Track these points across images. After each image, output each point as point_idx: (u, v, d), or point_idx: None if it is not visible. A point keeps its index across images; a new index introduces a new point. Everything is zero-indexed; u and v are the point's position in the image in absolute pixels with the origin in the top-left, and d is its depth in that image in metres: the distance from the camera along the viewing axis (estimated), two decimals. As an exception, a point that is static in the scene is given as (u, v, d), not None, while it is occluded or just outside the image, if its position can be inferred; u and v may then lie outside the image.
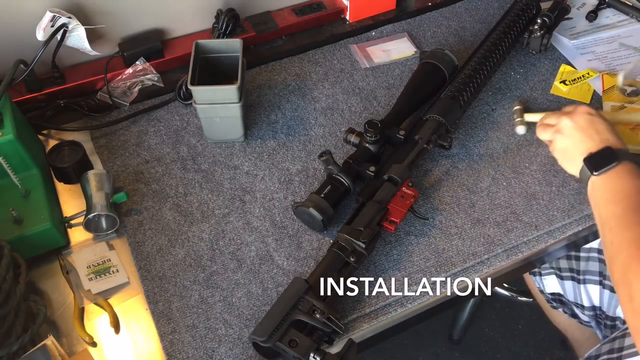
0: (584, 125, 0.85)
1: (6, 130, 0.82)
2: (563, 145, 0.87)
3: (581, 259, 1.06)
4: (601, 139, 0.83)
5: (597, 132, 0.83)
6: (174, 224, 0.89)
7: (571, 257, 1.07)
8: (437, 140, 0.93)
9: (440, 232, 0.88)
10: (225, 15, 1.05)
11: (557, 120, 0.88)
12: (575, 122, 0.85)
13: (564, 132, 0.86)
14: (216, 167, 0.96)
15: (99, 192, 0.86)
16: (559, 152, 0.88)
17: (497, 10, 1.22)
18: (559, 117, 0.88)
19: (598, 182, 0.80)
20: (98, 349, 0.78)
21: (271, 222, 0.90)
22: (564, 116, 0.87)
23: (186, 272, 0.84)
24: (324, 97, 1.07)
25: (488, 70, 1.02)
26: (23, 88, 1.01)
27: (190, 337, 0.78)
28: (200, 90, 0.91)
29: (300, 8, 1.19)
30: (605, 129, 0.84)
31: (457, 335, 1.62)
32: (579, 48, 1.15)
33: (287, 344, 0.71)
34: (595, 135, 0.83)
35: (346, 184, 0.87)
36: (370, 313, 0.81)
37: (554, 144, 0.88)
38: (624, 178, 0.78)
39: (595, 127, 0.84)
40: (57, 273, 0.84)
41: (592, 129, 0.84)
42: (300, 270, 0.84)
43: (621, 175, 0.79)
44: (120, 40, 1.08)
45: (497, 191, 0.93)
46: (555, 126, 0.88)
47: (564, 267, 1.08)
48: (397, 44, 1.16)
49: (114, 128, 1.01)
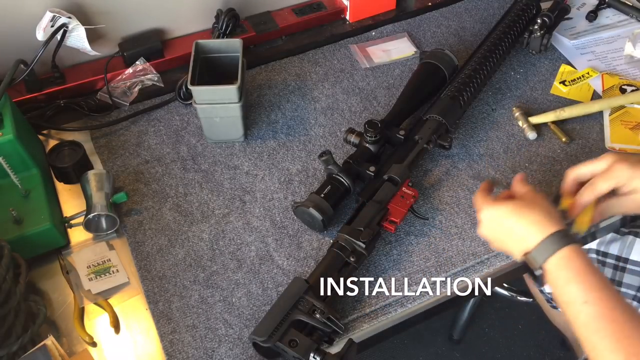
0: (499, 230, 0.76)
1: (6, 130, 0.82)
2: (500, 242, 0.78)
3: None
4: (517, 244, 0.74)
5: (508, 235, 0.75)
6: (174, 224, 0.89)
7: None
8: (437, 140, 0.93)
9: (440, 232, 0.88)
10: (225, 15, 1.05)
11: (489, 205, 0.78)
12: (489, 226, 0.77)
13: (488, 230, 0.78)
14: (216, 167, 0.96)
15: (99, 192, 0.86)
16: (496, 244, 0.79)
17: (497, 10, 1.22)
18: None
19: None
20: (98, 349, 0.78)
21: (271, 222, 0.90)
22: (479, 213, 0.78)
23: (186, 272, 0.84)
24: (324, 97, 1.07)
25: (488, 70, 1.02)
26: (23, 88, 1.01)
27: (190, 337, 0.78)
28: (200, 90, 0.91)
29: (300, 8, 1.19)
30: (542, 210, 0.73)
31: (457, 335, 1.62)
32: (579, 48, 1.15)
33: (287, 344, 0.71)
34: (510, 241, 0.75)
35: (346, 184, 0.87)
36: (370, 313, 0.81)
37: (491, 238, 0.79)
38: (569, 265, 0.69)
39: (533, 208, 0.74)
40: (57, 273, 0.84)
41: (527, 212, 0.74)
42: (300, 270, 0.84)
43: (566, 263, 0.69)
44: (120, 40, 1.08)
45: (497, 191, 0.93)
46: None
47: None
48: (397, 44, 1.16)
49: (114, 128, 1.01)
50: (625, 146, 0.98)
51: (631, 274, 0.98)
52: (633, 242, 0.97)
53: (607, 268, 1.00)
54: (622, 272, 0.99)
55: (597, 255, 1.02)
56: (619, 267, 0.99)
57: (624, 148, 0.98)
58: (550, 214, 0.73)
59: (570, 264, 0.69)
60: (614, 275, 1.00)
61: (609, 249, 1.00)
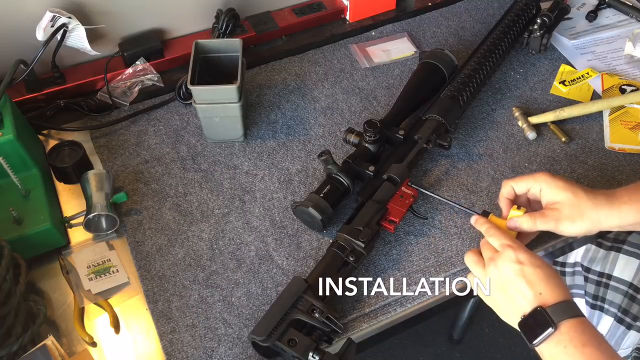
0: (512, 278, 0.70)
1: (6, 130, 0.82)
2: (494, 302, 0.74)
3: (567, 274, 1.05)
4: (534, 294, 0.68)
5: (528, 285, 0.69)
6: (173, 223, 0.89)
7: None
8: (436, 140, 0.93)
9: (439, 232, 0.88)
10: (225, 15, 1.05)
11: (487, 259, 0.75)
12: (500, 274, 0.72)
13: (492, 286, 0.73)
14: (216, 166, 0.96)
15: (99, 192, 0.86)
16: (494, 305, 0.75)
17: (497, 10, 1.22)
18: (489, 258, 0.74)
19: (545, 353, 0.67)
20: (98, 349, 0.78)
21: (271, 221, 0.90)
22: (490, 263, 0.73)
23: (186, 271, 0.84)
24: (323, 97, 1.07)
25: (488, 70, 1.02)
26: (23, 88, 1.01)
27: (189, 337, 0.78)
28: (200, 90, 0.91)
29: (300, 8, 1.19)
30: (537, 279, 0.69)
31: (457, 335, 1.62)
32: (578, 48, 1.15)
33: (286, 343, 0.71)
34: (527, 290, 0.69)
35: (345, 184, 0.87)
36: (369, 313, 0.81)
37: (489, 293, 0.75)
38: (571, 349, 0.65)
39: (525, 277, 0.70)
40: (57, 273, 0.84)
41: (521, 281, 0.70)
42: (299, 270, 0.84)
43: (565, 343, 0.65)
44: (120, 40, 1.08)
45: (497, 191, 0.93)
46: (485, 268, 0.75)
47: None
48: (397, 44, 1.16)
49: (114, 128, 1.01)
50: (625, 146, 0.98)
51: (614, 290, 0.96)
52: (616, 258, 0.96)
53: (589, 284, 0.99)
54: (605, 289, 0.97)
55: (582, 269, 1.01)
56: (602, 283, 0.98)
57: (623, 148, 0.98)
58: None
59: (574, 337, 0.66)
60: (596, 291, 0.99)
61: (592, 264, 0.99)
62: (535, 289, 0.68)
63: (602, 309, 0.98)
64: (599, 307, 0.99)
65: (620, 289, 0.95)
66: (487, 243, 0.76)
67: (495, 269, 0.72)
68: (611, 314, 0.96)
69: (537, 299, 0.68)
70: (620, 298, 0.95)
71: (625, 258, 0.95)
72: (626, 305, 0.95)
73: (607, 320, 0.97)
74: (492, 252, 0.74)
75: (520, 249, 0.72)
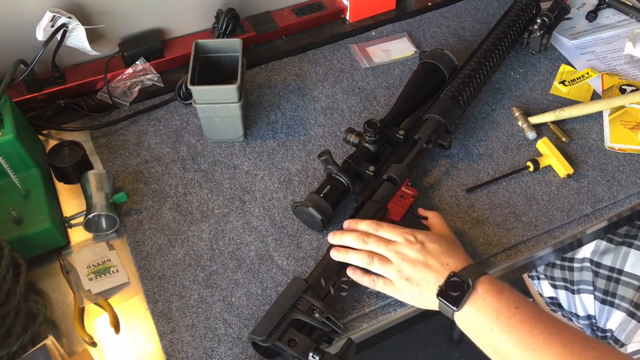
0: (419, 257, 0.74)
1: (6, 130, 0.82)
2: (408, 292, 0.75)
3: (575, 269, 1.05)
4: (443, 265, 0.74)
5: (434, 258, 0.74)
6: (173, 223, 0.89)
7: (565, 268, 1.06)
8: (436, 140, 0.93)
9: (439, 232, 0.88)
10: (225, 15, 1.05)
11: (383, 250, 0.76)
12: (406, 259, 0.75)
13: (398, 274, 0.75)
14: (216, 166, 0.96)
15: (99, 192, 0.86)
16: (409, 295, 0.76)
17: (497, 10, 1.22)
18: (390, 250, 0.76)
19: (467, 313, 0.71)
20: (98, 349, 0.78)
21: (271, 221, 0.90)
22: (393, 254, 0.76)
23: (186, 271, 0.84)
24: (323, 97, 1.07)
25: (488, 70, 1.02)
26: (23, 88, 1.01)
27: (189, 337, 0.78)
28: (200, 90, 0.91)
29: (300, 8, 1.19)
30: (440, 251, 0.75)
31: (457, 335, 1.62)
32: (578, 48, 1.15)
33: (286, 343, 0.71)
34: (436, 263, 0.74)
35: (345, 184, 0.87)
36: (369, 313, 0.81)
37: (392, 286, 0.76)
38: (489, 298, 0.70)
39: (430, 254, 0.75)
40: (57, 273, 0.84)
41: (427, 257, 0.74)
42: (299, 270, 0.84)
43: (483, 296, 0.70)
44: (120, 40, 1.08)
45: (496, 191, 0.93)
46: (386, 264, 0.76)
47: (558, 276, 1.07)
48: (397, 44, 1.16)
49: (114, 128, 1.01)
50: (625, 146, 0.98)
51: (625, 285, 0.97)
52: (627, 253, 0.96)
53: (600, 279, 1.00)
54: (616, 284, 0.98)
55: (591, 265, 1.01)
56: (613, 278, 0.98)
57: (623, 148, 0.98)
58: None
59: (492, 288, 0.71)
60: (607, 286, 0.99)
61: (602, 259, 0.99)
62: (442, 260, 0.74)
63: (612, 304, 0.98)
64: (609, 303, 0.99)
65: (632, 284, 0.96)
66: (378, 239, 0.77)
67: (400, 257, 0.75)
68: (623, 309, 0.97)
69: (446, 268, 0.73)
70: (632, 293, 0.96)
71: (637, 253, 0.96)
72: (638, 299, 0.95)
73: (618, 315, 0.97)
74: (388, 244, 0.77)
75: (415, 231, 0.77)
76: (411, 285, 0.74)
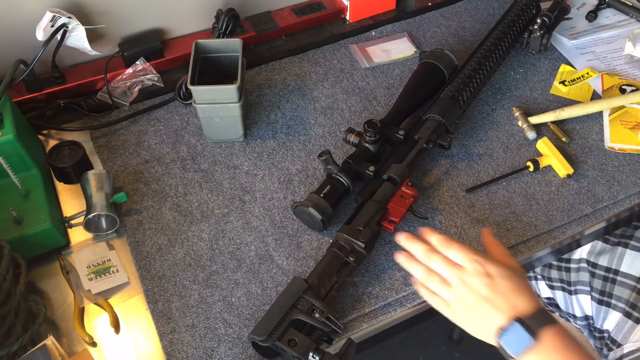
0: (484, 293, 0.68)
1: (6, 130, 0.82)
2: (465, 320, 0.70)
3: (571, 270, 1.05)
4: (509, 306, 0.67)
5: (502, 297, 0.68)
6: (173, 223, 0.89)
7: (561, 269, 1.06)
8: (436, 140, 0.93)
9: (439, 232, 0.88)
10: (225, 15, 1.05)
11: (451, 277, 0.71)
12: (471, 290, 0.69)
13: (462, 303, 0.70)
14: (216, 166, 0.96)
15: (99, 192, 0.86)
16: (465, 323, 0.71)
17: (497, 10, 1.22)
18: (455, 276, 0.70)
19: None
20: (98, 349, 0.78)
21: (271, 221, 0.90)
22: (457, 281, 0.70)
23: (186, 271, 0.84)
24: (323, 97, 1.07)
25: (488, 70, 1.02)
26: (23, 88, 1.01)
27: (189, 337, 0.78)
28: (200, 90, 0.91)
29: (300, 8, 1.19)
30: (509, 290, 0.68)
31: (457, 335, 1.62)
32: (578, 48, 1.15)
33: (286, 343, 0.71)
34: (502, 303, 0.67)
35: (345, 184, 0.87)
36: (369, 313, 0.81)
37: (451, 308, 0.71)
38: (552, 354, 0.65)
39: (498, 291, 0.68)
40: (57, 273, 0.84)
41: (495, 295, 0.68)
42: (299, 270, 0.84)
43: (547, 352, 0.65)
44: (120, 40, 1.08)
45: (496, 191, 0.93)
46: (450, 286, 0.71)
47: (555, 277, 1.07)
48: (397, 43, 1.16)
49: (114, 128, 1.01)
50: (625, 146, 0.98)
51: (621, 286, 0.96)
52: (623, 254, 0.96)
53: (596, 279, 1.00)
54: (612, 284, 0.98)
55: (587, 265, 1.01)
56: (609, 278, 0.98)
57: (623, 148, 0.98)
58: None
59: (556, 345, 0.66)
60: (603, 287, 0.99)
61: (598, 259, 0.99)
62: (509, 301, 0.67)
63: (609, 305, 0.98)
64: (605, 303, 0.99)
65: (628, 284, 0.96)
66: (445, 259, 0.72)
67: (463, 286, 0.69)
68: (619, 309, 0.97)
69: (513, 310, 0.67)
70: (628, 293, 0.96)
71: (633, 254, 0.96)
72: (634, 299, 0.95)
73: (614, 315, 0.97)
74: (455, 268, 0.70)
75: (487, 261, 0.70)
76: (469, 315, 0.69)
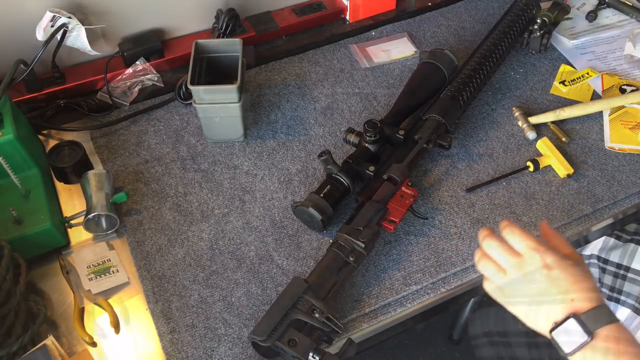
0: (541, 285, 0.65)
1: (6, 130, 0.82)
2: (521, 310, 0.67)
3: None
4: (566, 301, 0.64)
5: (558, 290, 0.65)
6: (173, 223, 0.89)
7: None
8: (436, 140, 0.93)
9: (439, 232, 0.88)
10: (225, 15, 1.05)
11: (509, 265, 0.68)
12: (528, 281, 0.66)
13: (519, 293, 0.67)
14: (216, 166, 0.96)
15: (99, 192, 0.86)
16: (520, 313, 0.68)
17: (497, 10, 1.22)
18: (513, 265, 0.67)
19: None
20: (98, 349, 0.78)
21: (271, 221, 0.90)
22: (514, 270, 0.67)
23: (186, 271, 0.84)
24: (323, 97, 1.07)
25: (488, 70, 1.02)
26: (23, 88, 1.01)
27: (189, 337, 0.78)
28: (200, 90, 0.91)
29: (300, 8, 1.19)
30: (568, 282, 0.64)
31: (457, 335, 1.62)
32: (578, 48, 1.15)
33: (286, 343, 0.71)
34: (559, 297, 0.64)
35: (345, 184, 0.87)
36: (369, 313, 0.81)
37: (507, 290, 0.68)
38: (607, 354, 0.61)
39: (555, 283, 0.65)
40: (57, 273, 0.84)
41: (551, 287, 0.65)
42: (299, 270, 0.84)
43: (602, 352, 0.61)
44: (120, 40, 1.08)
45: (496, 191, 0.93)
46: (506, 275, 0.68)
47: None
48: (397, 44, 1.16)
49: (114, 128, 1.01)
50: (625, 146, 0.98)
51: (631, 282, 0.97)
52: (635, 251, 0.97)
53: (607, 275, 1.00)
54: (622, 280, 0.98)
55: (598, 261, 1.01)
56: (620, 275, 0.98)
57: (623, 148, 0.98)
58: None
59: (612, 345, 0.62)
60: (614, 283, 0.99)
61: (609, 256, 0.99)
62: (567, 295, 0.64)
63: (618, 301, 0.99)
64: (615, 299, 1.00)
65: (638, 281, 0.96)
66: (503, 245, 0.69)
67: (521, 276, 0.66)
68: (628, 306, 0.97)
69: (569, 305, 0.63)
70: (638, 290, 0.96)
71: None
72: None
73: (623, 311, 0.98)
74: (512, 256, 0.68)
75: (547, 251, 0.66)
76: (523, 305, 0.67)
